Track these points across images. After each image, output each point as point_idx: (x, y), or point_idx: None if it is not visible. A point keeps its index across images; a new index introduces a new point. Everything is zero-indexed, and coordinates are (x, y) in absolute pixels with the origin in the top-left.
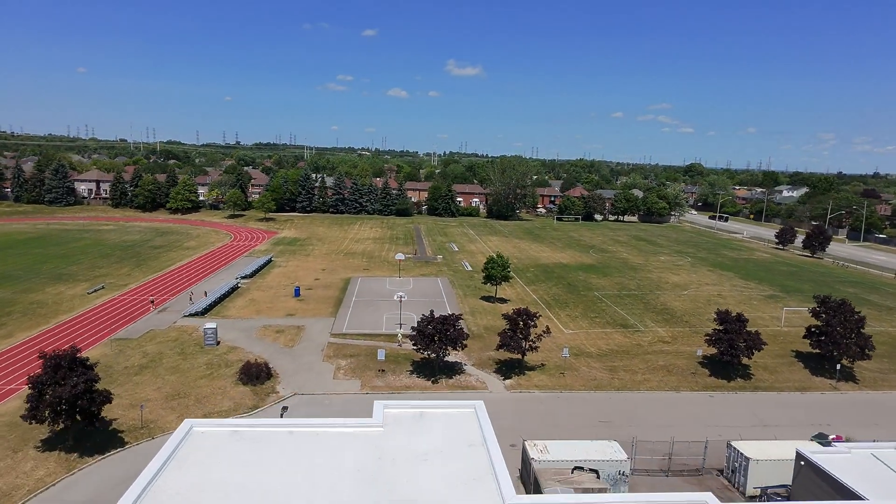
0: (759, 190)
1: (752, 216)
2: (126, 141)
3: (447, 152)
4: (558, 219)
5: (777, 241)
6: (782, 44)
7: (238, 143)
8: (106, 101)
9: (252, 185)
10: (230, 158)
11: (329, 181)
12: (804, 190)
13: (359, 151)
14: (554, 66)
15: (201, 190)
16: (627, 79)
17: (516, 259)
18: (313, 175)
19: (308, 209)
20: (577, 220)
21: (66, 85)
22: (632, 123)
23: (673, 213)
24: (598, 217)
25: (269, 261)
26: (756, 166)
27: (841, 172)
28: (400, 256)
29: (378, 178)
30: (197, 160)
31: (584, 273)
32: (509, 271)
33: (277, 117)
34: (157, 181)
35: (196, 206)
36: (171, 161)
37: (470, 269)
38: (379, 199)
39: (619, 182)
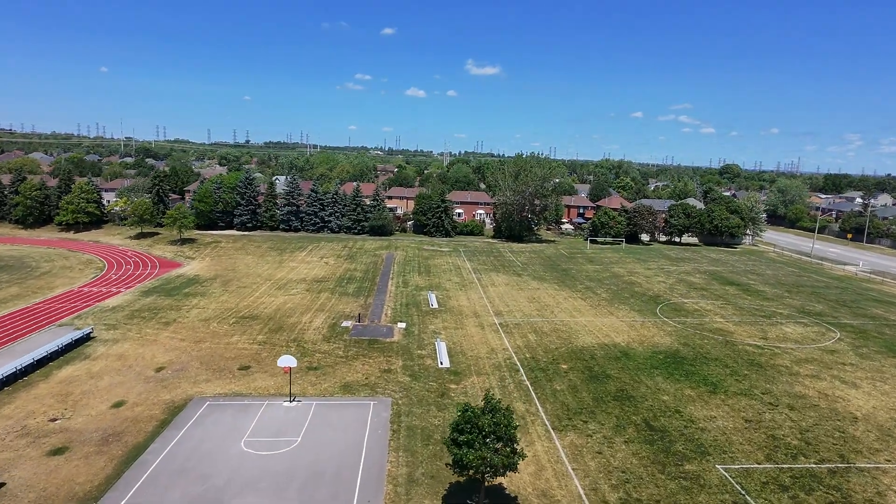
0: (839, 199)
1: (850, 235)
2: (111, 139)
3: (462, 152)
4: (591, 240)
5: None
6: (805, 43)
7: (248, 141)
8: (120, 100)
9: (188, 192)
10: (212, 157)
11: (280, 187)
12: (885, 197)
13: (371, 151)
14: (573, 66)
15: (111, 198)
16: (648, 78)
17: (532, 333)
18: (267, 178)
19: (249, 226)
20: (619, 243)
21: (83, 83)
22: (652, 123)
23: (748, 231)
24: (644, 237)
25: (86, 337)
26: (786, 167)
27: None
28: (346, 323)
29: (353, 183)
30: (181, 158)
31: (666, 379)
32: (515, 457)
33: (294, 117)
34: (45, 187)
35: (100, 220)
36: (148, 160)
37: (446, 364)
38: (348, 213)
39: (652, 188)
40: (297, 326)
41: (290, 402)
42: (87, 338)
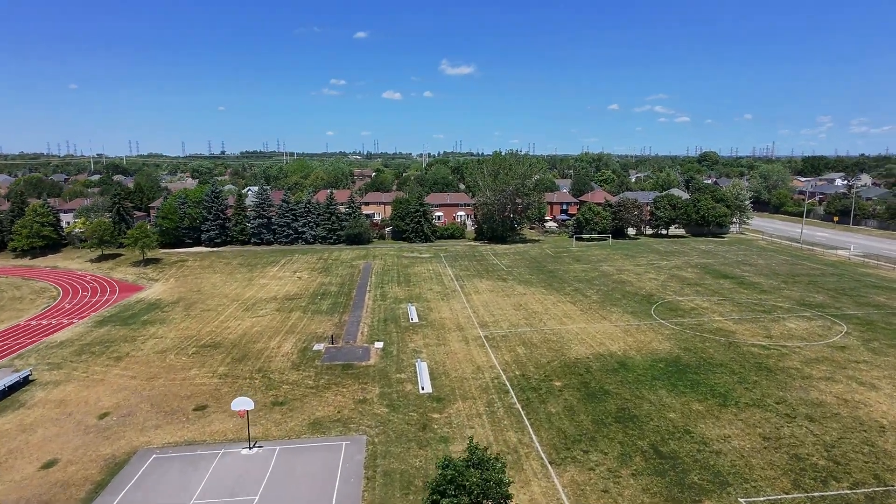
0: (821, 181)
1: (836, 218)
2: (81, 156)
3: (442, 152)
4: (577, 238)
5: None
6: (774, 27)
7: (223, 152)
8: (91, 117)
9: (154, 209)
10: (185, 170)
11: (250, 199)
12: (865, 177)
13: (349, 156)
14: (547, 61)
15: (71, 219)
16: (622, 70)
17: (520, 346)
18: (240, 189)
19: (218, 241)
20: (606, 239)
21: (53, 101)
22: (628, 115)
23: (735, 220)
24: (630, 231)
25: (23, 381)
26: (761, 152)
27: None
28: (318, 347)
29: (326, 190)
30: (152, 173)
31: (670, 392)
32: None
33: (270, 125)
34: None
35: (59, 244)
36: (117, 177)
37: (428, 389)
38: (322, 222)
39: (633, 179)
40: (263, 353)
41: (250, 449)
42: (24, 382)
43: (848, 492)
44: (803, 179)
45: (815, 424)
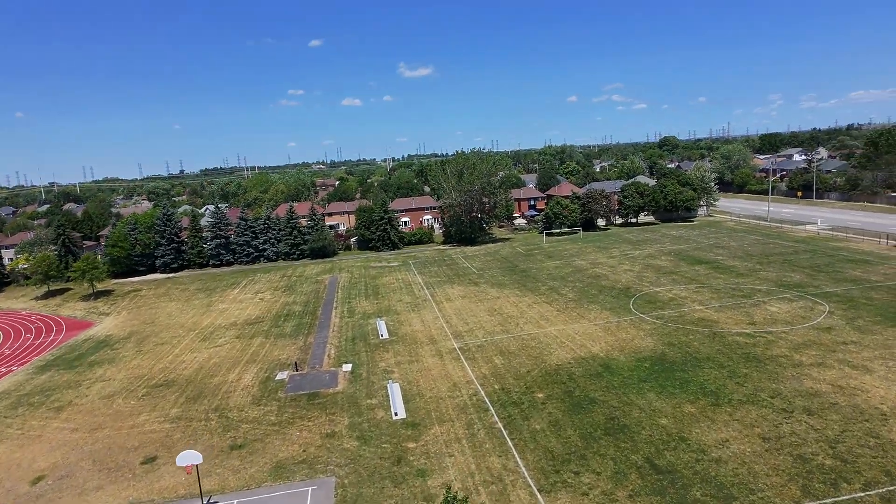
0: (780, 157)
1: (800, 194)
2: (31, 187)
3: (406, 156)
4: (547, 233)
5: None
6: (719, 9)
7: (182, 171)
8: (41, 145)
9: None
10: (141, 193)
11: (205, 219)
12: (822, 151)
13: (313, 165)
14: (504, 58)
15: (13, 255)
16: (578, 62)
17: (498, 356)
18: (190, 210)
19: (174, 266)
20: (576, 232)
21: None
22: (587, 105)
23: (702, 203)
24: (600, 222)
25: None
26: (718, 134)
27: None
28: (281, 375)
29: (290, 204)
30: (106, 199)
31: (659, 394)
32: None
33: (230, 140)
34: None
35: (1, 283)
36: (68, 205)
37: (401, 415)
38: (284, 237)
39: (598, 168)
40: (221, 388)
41: None
42: None
43: (861, 494)
44: (763, 157)
45: (814, 418)
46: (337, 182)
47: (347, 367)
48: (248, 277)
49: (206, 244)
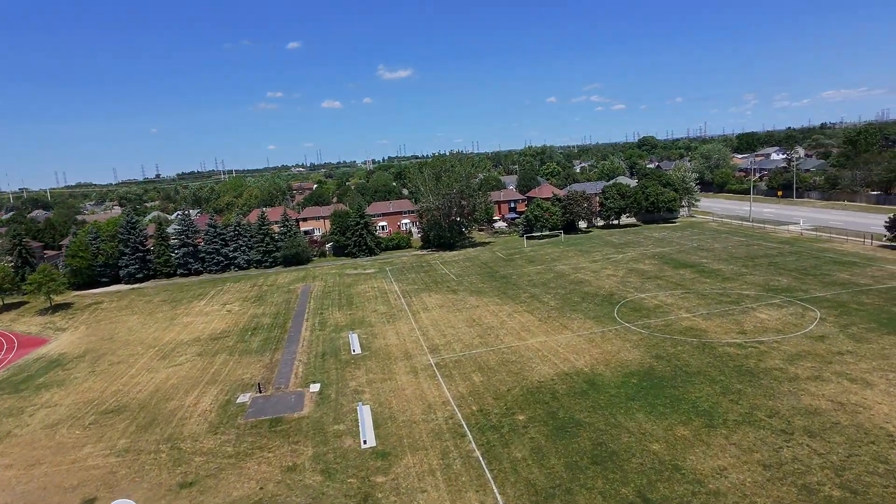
0: (758, 156)
1: (780, 193)
2: (1, 192)
3: (386, 158)
4: (528, 236)
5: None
6: (696, 11)
7: (158, 175)
8: (10, 151)
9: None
10: (114, 198)
11: (173, 227)
12: (800, 150)
13: (292, 168)
14: (482, 59)
15: None
16: (557, 63)
17: (476, 372)
18: (158, 217)
19: (139, 276)
20: (557, 235)
21: None
22: (566, 106)
23: (683, 203)
24: (582, 225)
25: None
26: (695, 133)
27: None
28: (242, 398)
29: (262, 210)
30: (75, 205)
31: (649, 414)
32: None
33: (207, 144)
34: None
35: None
36: (36, 212)
37: (371, 443)
38: (256, 245)
39: (578, 169)
40: (176, 414)
41: None
42: None
43: None
44: (741, 156)
45: (816, 441)
46: (314, 185)
47: (315, 388)
48: (217, 287)
49: (173, 253)
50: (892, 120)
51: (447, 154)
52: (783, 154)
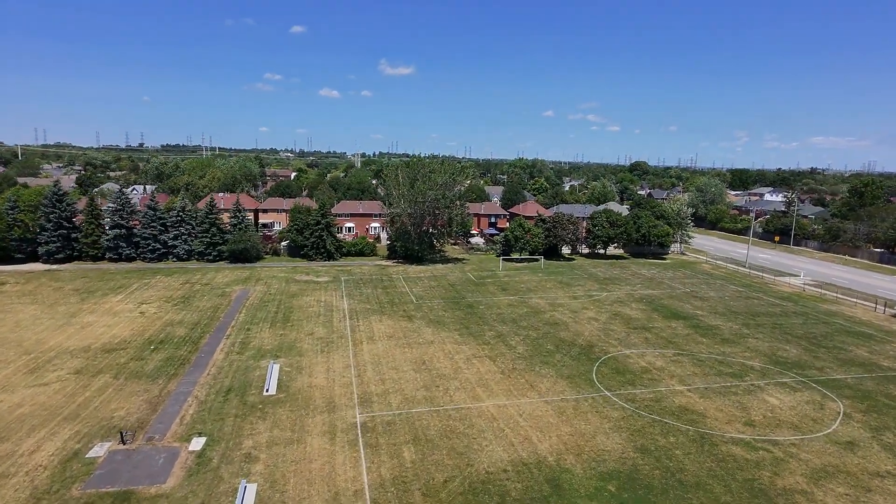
0: (754, 196)
1: (777, 238)
2: None
3: (377, 152)
4: (504, 258)
5: None
6: (696, 42)
7: (142, 144)
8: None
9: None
10: (80, 163)
11: (108, 205)
12: (782, 194)
13: (281, 153)
14: (485, 65)
15: None
16: (558, 77)
17: (410, 444)
18: (111, 189)
19: (61, 257)
20: (537, 261)
21: None
22: (562, 122)
23: (676, 239)
24: (565, 250)
25: None
26: (685, 163)
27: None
28: (96, 450)
29: (211, 195)
30: (34, 164)
31: None
32: None
33: (198, 118)
34: None
35: None
36: None
37: None
38: (201, 234)
39: (567, 187)
40: (23, 460)
41: None
42: None
43: None
44: (735, 193)
45: None
46: (294, 174)
47: (198, 444)
48: (144, 280)
49: (105, 234)
50: (878, 172)
51: (427, 157)
52: (778, 195)
